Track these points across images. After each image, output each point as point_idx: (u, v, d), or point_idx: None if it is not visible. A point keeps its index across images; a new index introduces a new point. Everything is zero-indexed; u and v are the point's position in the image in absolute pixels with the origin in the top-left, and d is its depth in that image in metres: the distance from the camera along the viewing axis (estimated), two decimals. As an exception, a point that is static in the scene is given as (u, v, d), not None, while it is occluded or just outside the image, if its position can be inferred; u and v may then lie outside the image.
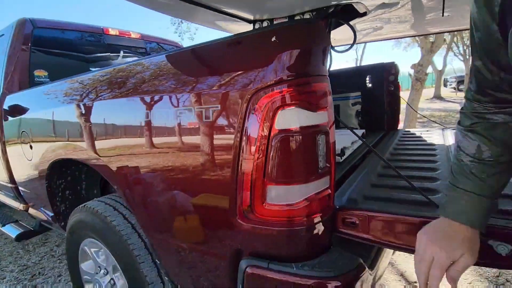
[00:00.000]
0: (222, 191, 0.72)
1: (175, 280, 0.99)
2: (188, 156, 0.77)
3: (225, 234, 0.78)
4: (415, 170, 1.05)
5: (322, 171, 0.68)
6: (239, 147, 0.65)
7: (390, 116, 2.02)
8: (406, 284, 1.75)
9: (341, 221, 0.77)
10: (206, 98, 0.70)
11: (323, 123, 0.66)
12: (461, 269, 0.54)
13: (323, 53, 0.65)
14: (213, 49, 0.77)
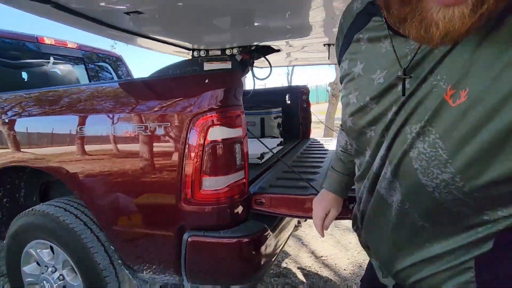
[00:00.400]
0: (171, 184, 1.02)
1: (132, 263, 1.21)
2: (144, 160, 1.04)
3: (173, 217, 1.07)
4: (308, 167, 1.51)
5: (239, 167, 1.04)
6: (184, 152, 0.96)
7: (304, 127, 2.55)
8: (315, 258, 2.25)
9: (254, 202, 1.14)
10: (162, 118, 1.00)
11: (239, 135, 1.03)
12: (330, 219, 0.80)
13: (237, 92, 1.02)
14: (167, 82, 1.07)
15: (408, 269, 0.49)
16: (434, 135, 0.39)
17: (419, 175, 0.42)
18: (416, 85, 0.41)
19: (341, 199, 0.80)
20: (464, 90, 0.36)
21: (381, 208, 0.51)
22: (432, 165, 0.40)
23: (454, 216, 0.42)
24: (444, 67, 0.38)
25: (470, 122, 0.35)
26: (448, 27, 0.31)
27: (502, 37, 0.34)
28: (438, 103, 0.38)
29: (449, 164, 0.38)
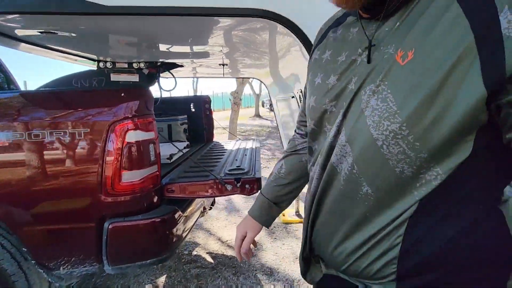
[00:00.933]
0: (92, 180, 1.21)
1: (47, 261, 1.29)
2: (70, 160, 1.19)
3: (94, 209, 1.25)
4: (210, 162, 1.89)
5: (152, 163, 1.32)
6: (104, 152, 1.18)
7: (207, 132, 2.92)
8: (221, 243, 2.64)
9: (166, 190, 1.43)
10: (86, 124, 1.18)
11: (152, 138, 1.31)
12: (246, 242, 0.78)
13: (149, 103, 1.31)
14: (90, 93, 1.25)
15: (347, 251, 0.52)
16: (386, 91, 0.44)
17: (371, 130, 0.45)
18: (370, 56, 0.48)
19: (259, 225, 0.78)
20: (411, 50, 0.42)
21: (330, 179, 0.53)
22: (383, 117, 0.44)
23: (396, 178, 0.45)
24: (392, 37, 0.46)
25: (416, 75, 0.41)
26: None
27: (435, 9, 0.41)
28: (389, 65, 0.44)
29: (397, 114, 0.43)
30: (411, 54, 0.42)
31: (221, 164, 1.83)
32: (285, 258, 2.37)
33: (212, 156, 2.13)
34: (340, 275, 0.60)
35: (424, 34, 0.42)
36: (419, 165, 0.43)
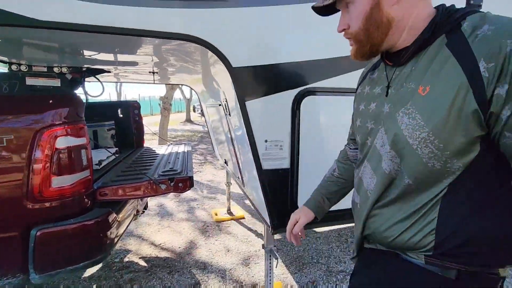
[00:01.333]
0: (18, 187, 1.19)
1: None
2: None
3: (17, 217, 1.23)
4: (142, 166, 1.96)
5: (84, 167, 1.36)
6: (31, 158, 1.18)
7: (137, 137, 2.91)
8: (154, 247, 2.67)
9: (98, 194, 1.48)
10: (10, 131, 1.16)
11: (83, 143, 1.35)
12: (299, 224, 0.92)
13: (79, 110, 1.35)
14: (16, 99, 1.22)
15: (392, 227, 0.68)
16: (415, 112, 0.62)
17: (408, 139, 0.63)
18: (396, 90, 0.68)
19: (312, 214, 0.94)
20: (428, 86, 0.61)
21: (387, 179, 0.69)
22: (415, 129, 0.62)
23: (429, 171, 0.62)
24: (410, 77, 0.65)
25: (434, 101, 0.59)
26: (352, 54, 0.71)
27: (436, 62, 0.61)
28: (413, 95, 0.63)
29: (425, 127, 0.60)
30: (428, 89, 0.61)
31: (154, 167, 1.93)
32: (218, 252, 2.56)
33: (144, 161, 2.19)
34: (378, 247, 0.75)
35: (435, 76, 0.61)
36: (444, 160, 0.60)
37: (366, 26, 0.66)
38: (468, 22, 0.59)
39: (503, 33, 0.54)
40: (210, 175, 5.32)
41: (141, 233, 2.95)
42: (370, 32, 0.67)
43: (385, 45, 0.69)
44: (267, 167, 1.36)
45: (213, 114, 2.73)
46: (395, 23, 0.65)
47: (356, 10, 0.67)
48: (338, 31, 0.74)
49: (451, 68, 0.58)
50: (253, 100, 1.28)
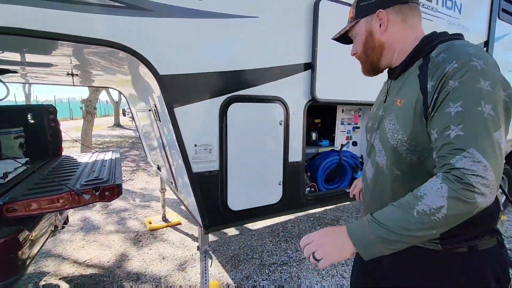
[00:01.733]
0: None
1: None
2: None
3: None
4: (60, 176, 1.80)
5: (-13, 181, 1.21)
6: None
7: (54, 145, 2.62)
8: (78, 265, 2.44)
9: (5, 211, 1.32)
10: None
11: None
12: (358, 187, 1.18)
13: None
14: None
15: None
16: (395, 119, 0.79)
17: (389, 139, 0.81)
18: (386, 99, 0.88)
19: None
20: (402, 99, 0.79)
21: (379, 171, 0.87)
22: (394, 132, 0.79)
23: (409, 164, 0.78)
24: (393, 91, 0.85)
25: (406, 110, 0.76)
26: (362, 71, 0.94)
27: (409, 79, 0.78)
28: (394, 105, 0.82)
29: (400, 130, 0.77)
30: (403, 101, 0.78)
31: (75, 177, 1.79)
32: (152, 261, 2.49)
33: (63, 170, 2.00)
34: None
35: (406, 91, 0.79)
36: (418, 155, 0.76)
37: (365, 50, 0.89)
38: (436, 50, 0.75)
39: (448, 60, 0.69)
40: (143, 182, 5.05)
41: (61, 251, 2.65)
42: (368, 54, 0.89)
43: (384, 64, 0.89)
44: (197, 170, 1.43)
45: (144, 118, 2.65)
46: (386, 46, 0.86)
47: (359, 40, 0.90)
48: (351, 55, 0.97)
49: (414, 85, 0.76)
50: (181, 107, 1.33)
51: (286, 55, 1.60)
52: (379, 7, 0.84)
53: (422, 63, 0.77)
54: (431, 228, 0.63)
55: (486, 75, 0.66)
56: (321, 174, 1.99)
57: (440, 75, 0.69)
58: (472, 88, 0.65)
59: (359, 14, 0.89)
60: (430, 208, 0.62)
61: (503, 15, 2.91)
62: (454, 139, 0.64)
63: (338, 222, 3.34)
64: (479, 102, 0.64)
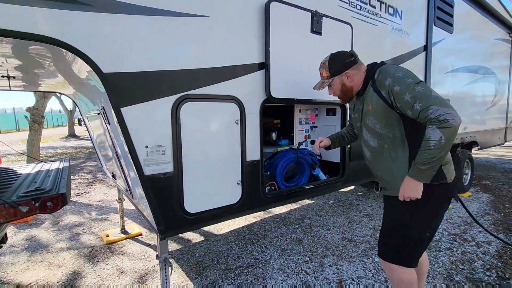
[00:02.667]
0: None
1: None
2: None
3: None
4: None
5: None
6: None
7: (-11, 157, 2.34)
8: None
9: None
10: None
11: None
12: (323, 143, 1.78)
13: None
14: None
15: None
16: (371, 117, 1.39)
17: (374, 129, 1.39)
18: (361, 109, 1.46)
19: (329, 141, 1.76)
20: (371, 105, 1.36)
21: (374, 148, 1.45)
22: (375, 123, 1.38)
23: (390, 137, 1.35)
24: (361, 103, 1.45)
25: (376, 112, 1.35)
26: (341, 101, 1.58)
27: (369, 91, 1.38)
28: (367, 110, 1.41)
29: (377, 122, 1.37)
30: (371, 106, 1.37)
31: (12, 189, 1.61)
32: (109, 277, 2.32)
33: None
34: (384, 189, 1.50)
35: (370, 100, 1.37)
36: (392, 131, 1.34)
37: (342, 92, 1.51)
38: (376, 75, 1.35)
39: (384, 78, 1.30)
40: (100, 194, 4.72)
41: (3, 276, 2.35)
42: (345, 94, 1.51)
43: (354, 94, 1.49)
44: (149, 173, 1.36)
45: (96, 125, 2.49)
46: (354, 87, 1.47)
47: (336, 88, 1.52)
48: (329, 94, 1.60)
49: (373, 96, 1.35)
50: (129, 107, 1.27)
51: (239, 54, 1.61)
52: (346, 70, 1.45)
53: (372, 83, 1.37)
54: (444, 148, 1.13)
55: (407, 76, 1.26)
56: (280, 172, 2.02)
57: (386, 87, 1.28)
58: (405, 84, 1.23)
59: (333, 74, 1.48)
60: (435, 140, 1.12)
61: (438, 22, 3.25)
62: (420, 107, 1.17)
63: (303, 221, 3.40)
64: (414, 87, 1.21)
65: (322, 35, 1.94)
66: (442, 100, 1.14)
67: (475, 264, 2.44)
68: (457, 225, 3.26)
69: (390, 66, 1.34)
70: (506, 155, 8.00)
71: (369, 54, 2.42)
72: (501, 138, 5.40)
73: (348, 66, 1.44)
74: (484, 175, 5.61)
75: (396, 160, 1.36)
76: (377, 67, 1.36)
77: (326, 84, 1.52)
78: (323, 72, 1.52)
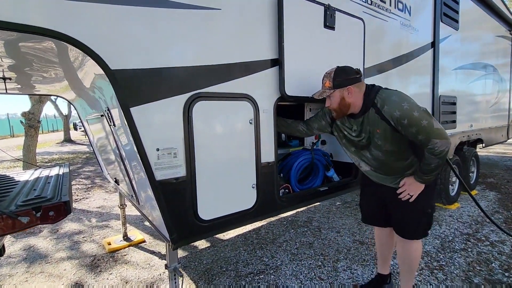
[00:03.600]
0: None
1: None
2: None
3: None
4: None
5: None
6: None
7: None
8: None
9: None
10: None
11: None
12: None
13: None
14: None
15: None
16: (381, 138, 1.51)
17: (382, 147, 1.54)
18: (361, 131, 1.58)
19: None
20: (379, 128, 1.49)
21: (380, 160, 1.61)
22: (385, 143, 1.52)
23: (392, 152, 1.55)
24: (367, 125, 1.54)
25: (384, 135, 1.50)
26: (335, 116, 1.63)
27: (372, 116, 1.50)
28: (374, 133, 1.52)
29: (387, 142, 1.51)
30: (380, 130, 1.49)
31: (10, 198, 1.50)
32: (114, 287, 2.20)
33: None
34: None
35: (375, 125, 1.49)
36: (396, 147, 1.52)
37: (339, 107, 1.54)
38: (378, 101, 1.47)
39: (391, 109, 1.41)
40: (100, 200, 4.59)
41: (-2, 289, 2.23)
42: (341, 109, 1.54)
43: (349, 112, 1.56)
44: (161, 178, 1.26)
45: (97, 128, 2.38)
46: (351, 104, 1.52)
47: (334, 100, 1.54)
48: (325, 105, 1.60)
49: (379, 122, 1.47)
50: (139, 107, 1.17)
51: (252, 50, 1.52)
52: (349, 85, 1.49)
53: (377, 111, 1.47)
54: (440, 166, 1.43)
55: (412, 108, 1.39)
56: (294, 174, 1.92)
57: (395, 119, 1.41)
58: (413, 118, 1.38)
59: (335, 86, 1.50)
60: (434, 164, 1.42)
61: (445, 18, 3.19)
62: (423, 140, 1.39)
63: (311, 224, 3.31)
64: (420, 122, 1.37)
65: (335, 30, 1.86)
66: (440, 132, 1.38)
67: (492, 265, 2.36)
68: (468, 225, 3.19)
69: (390, 94, 1.46)
70: (506, 152, 8.00)
71: (381, 51, 2.35)
72: (504, 135, 5.37)
73: (351, 82, 1.49)
74: (488, 173, 5.57)
75: (402, 162, 1.60)
76: (375, 92, 1.49)
77: (326, 94, 1.53)
78: (326, 82, 1.53)
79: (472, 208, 3.71)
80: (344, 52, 1.95)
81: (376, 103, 1.46)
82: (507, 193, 4.31)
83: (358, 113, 1.53)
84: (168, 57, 1.24)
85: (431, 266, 2.35)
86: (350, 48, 2.00)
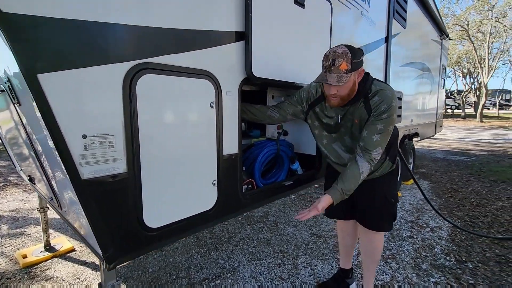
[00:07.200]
0: None
1: None
2: None
3: None
4: None
5: None
6: None
7: None
8: None
9: None
10: None
11: None
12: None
13: None
14: None
15: None
16: (355, 128, 1.41)
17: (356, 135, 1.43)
18: (342, 120, 1.45)
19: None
20: (357, 119, 1.39)
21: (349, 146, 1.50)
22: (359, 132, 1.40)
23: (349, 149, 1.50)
24: (350, 114, 1.41)
25: (360, 124, 1.39)
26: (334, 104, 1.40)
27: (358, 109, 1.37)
28: (352, 123, 1.42)
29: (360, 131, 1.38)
30: (358, 120, 1.39)
31: None
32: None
33: None
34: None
35: (357, 115, 1.39)
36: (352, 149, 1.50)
37: (349, 94, 1.34)
38: (372, 93, 1.35)
39: (380, 101, 1.32)
40: (15, 202, 3.76)
41: None
42: (349, 95, 1.35)
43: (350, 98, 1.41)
44: (89, 176, 0.91)
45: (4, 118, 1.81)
46: (355, 89, 1.35)
47: (347, 85, 1.29)
48: (330, 94, 1.33)
49: (363, 113, 1.37)
50: (52, 73, 0.81)
51: (215, 16, 1.24)
52: (361, 66, 1.31)
53: (364, 101, 1.37)
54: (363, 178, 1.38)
55: (396, 110, 1.33)
56: (258, 167, 1.71)
57: (377, 111, 1.32)
58: (390, 119, 1.33)
59: (354, 68, 1.25)
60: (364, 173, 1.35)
61: (397, 16, 3.30)
62: (375, 141, 1.33)
63: (267, 219, 3.17)
64: (390, 125, 1.34)
65: (305, 8, 1.67)
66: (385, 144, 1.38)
67: (435, 250, 2.53)
68: (410, 212, 3.42)
69: (386, 87, 1.37)
70: (430, 146, 9.10)
71: (344, 39, 2.26)
72: (433, 130, 6.03)
73: (362, 64, 1.32)
74: (419, 164, 6.20)
75: None
76: (371, 82, 1.37)
77: (345, 79, 1.22)
78: (341, 64, 1.20)
79: (412, 196, 4.03)
80: (313, 33, 1.79)
81: (369, 93, 1.35)
82: (437, 181, 4.83)
83: (350, 101, 1.37)
84: (101, 8, 0.89)
85: (385, 256, 2.40)
86: (319, 31, 1.85)
